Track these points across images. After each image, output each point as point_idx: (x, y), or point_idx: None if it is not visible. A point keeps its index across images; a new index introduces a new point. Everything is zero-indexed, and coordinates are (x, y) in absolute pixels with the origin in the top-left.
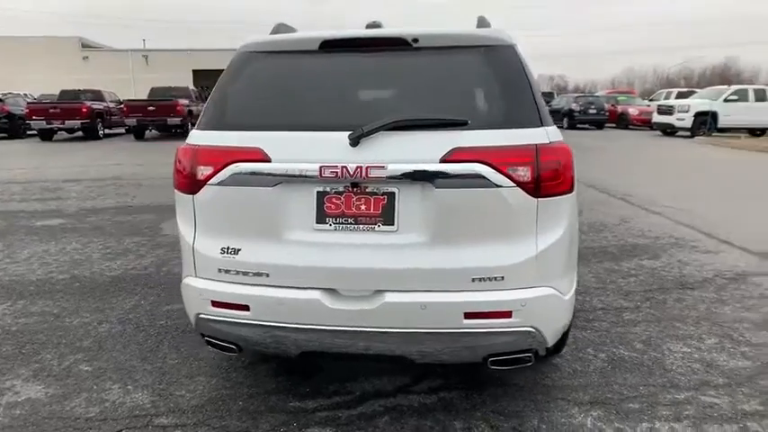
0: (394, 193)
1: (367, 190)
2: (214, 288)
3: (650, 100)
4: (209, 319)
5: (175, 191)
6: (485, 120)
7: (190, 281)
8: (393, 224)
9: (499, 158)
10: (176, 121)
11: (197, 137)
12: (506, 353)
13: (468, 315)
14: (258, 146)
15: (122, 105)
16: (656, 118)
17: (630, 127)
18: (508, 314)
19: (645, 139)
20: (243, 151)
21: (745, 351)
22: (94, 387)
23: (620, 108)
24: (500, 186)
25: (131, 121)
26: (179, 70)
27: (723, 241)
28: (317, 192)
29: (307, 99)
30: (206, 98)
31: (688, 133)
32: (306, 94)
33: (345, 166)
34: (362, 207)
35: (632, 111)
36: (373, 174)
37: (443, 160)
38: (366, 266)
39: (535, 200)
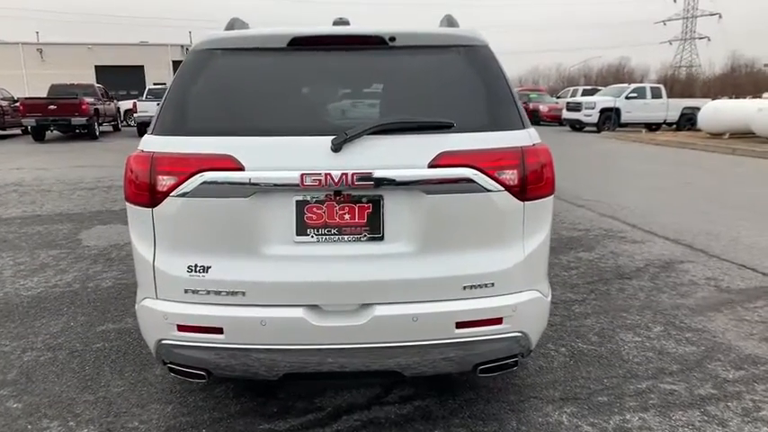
0: (380, 201)
1: (351, 198)
2: (180, 311)
3: (558, 97)
4: (173, 345)
5: (128, 204)
6: (469, 122)
7: (149, 303)
8: (380, 233)
9: (487, 162)
10: (81, 120)
11: (154, 143)
12: (496, 360)
13: (459, 324)
14: (228, 153)
15: (18, 104)
16: (566, 114)
17: (542, 123)
18: (499, 321)
19: (557, 134)
20: (211, 159)
21: (689, 337)
22: (29, 427)
23: (531, 105)
24: (489, 191)
25: (29, 121)
26: (79, 66)
27: (647, 231)
28: (297, 201)
29: (279, 101)
30: (113, 97)
31: (594, 129)
32: (277, 96)
33: (329, 174)
34: (346, 216)
35: (543, 108)
36: (359, 181)
37: (432, 165)
38: (353, 279)
39: (522, 203)
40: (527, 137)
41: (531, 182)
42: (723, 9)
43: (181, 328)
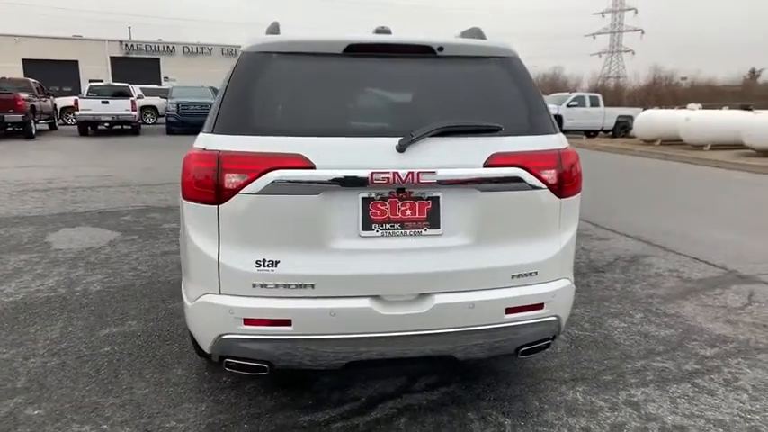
0: (438, 198)
1: (412, 195)
2: (248, 305)
3: None
4: (237, 339)
5: (185, 201)
6: (512, 126)
7: (211, 299)
8: (438, 228)
9: (533, 162)
10: (16, 118)
11: (218, 141)
12: (535, 342)
13: (508, 310)
14: (299, 152)
15: None
16: None
17: None
18: (540, 306)
19: None
20: (282, 158)
21: (666, 321)
22: None
23: None
24: (535, 188)
25: None
26: (4, 59)
27: (608, 230)
28: (362, 198)
29: (341, 104)
30: (50, 93)
31: None
32: (338, 99)
33: (397, 172)
34: (408, 212)
35: None
36: (424, 179)
37: (486, 165)
38: (416, 271)
39: (559, 200)
40: (560, 141)
41: (566, 181)
42: (645, 26)
43: (247, 321)
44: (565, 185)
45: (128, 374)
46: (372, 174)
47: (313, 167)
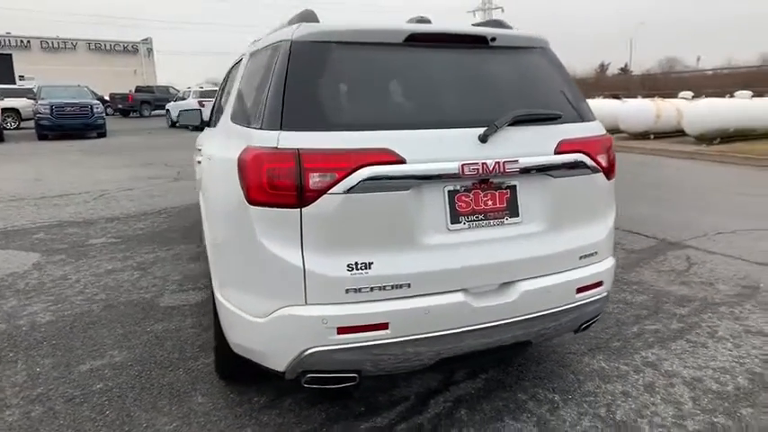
0: (515, 186)
1: (493, 185)
2: (342, 312)
3: None
4: (327, 351)
5: (253, 207)
6: (566, 113)
7: (295, 311)
8: (518, 216)
9: (591, 148)
10: None
11: (294, 139)
12: (593, 318)
13: (578, 290)
14: (386, 146)
15: None
16: None
17: None
18: (600, 284)
19: None
20: (372, 153)
21: (636, 288)
22: None
23: None
24: (594, 172)
25: None
26: None
27: None
28: (448, 191)
29: (412, 95)
30: None
31: None
32: (408, 90)
33: (485, 163)
34: (489, 202)
35: None
36: (509, 168)
37: (557, 152)
38: (502, 260)
39: (609, 182)
40: (600, 127)
41: (611, 164)
42: (515, 23)
43: (342, 330)
44: (611, 168)
45: (141, 411)
46: (463, 165)
47: (403, 162)
